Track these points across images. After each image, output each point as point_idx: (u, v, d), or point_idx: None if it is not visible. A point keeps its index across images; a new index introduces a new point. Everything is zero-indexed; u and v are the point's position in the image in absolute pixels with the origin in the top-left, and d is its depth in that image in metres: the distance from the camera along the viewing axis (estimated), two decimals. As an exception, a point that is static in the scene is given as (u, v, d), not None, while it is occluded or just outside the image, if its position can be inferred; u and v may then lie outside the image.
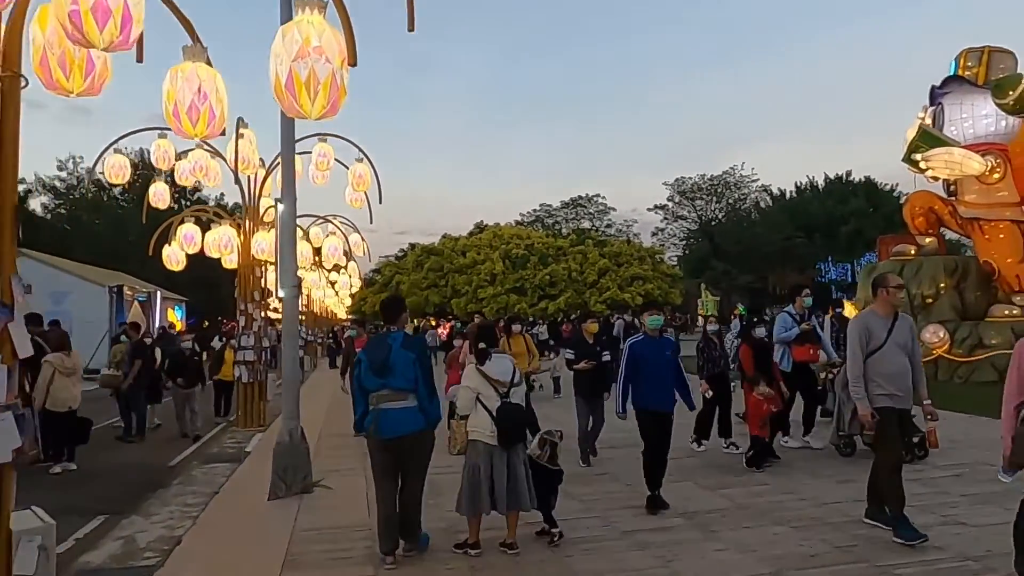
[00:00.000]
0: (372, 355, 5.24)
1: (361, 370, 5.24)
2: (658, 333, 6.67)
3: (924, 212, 17.65)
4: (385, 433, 5.14)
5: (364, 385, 5.21)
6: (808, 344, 8.82)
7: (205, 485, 8.29)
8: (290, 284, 7.37)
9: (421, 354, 5.31)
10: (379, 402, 5.15)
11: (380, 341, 5.39)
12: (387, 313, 5.55)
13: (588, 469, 8.10)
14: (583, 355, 8.39)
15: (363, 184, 12.59)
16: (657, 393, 6.38)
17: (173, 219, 13.15)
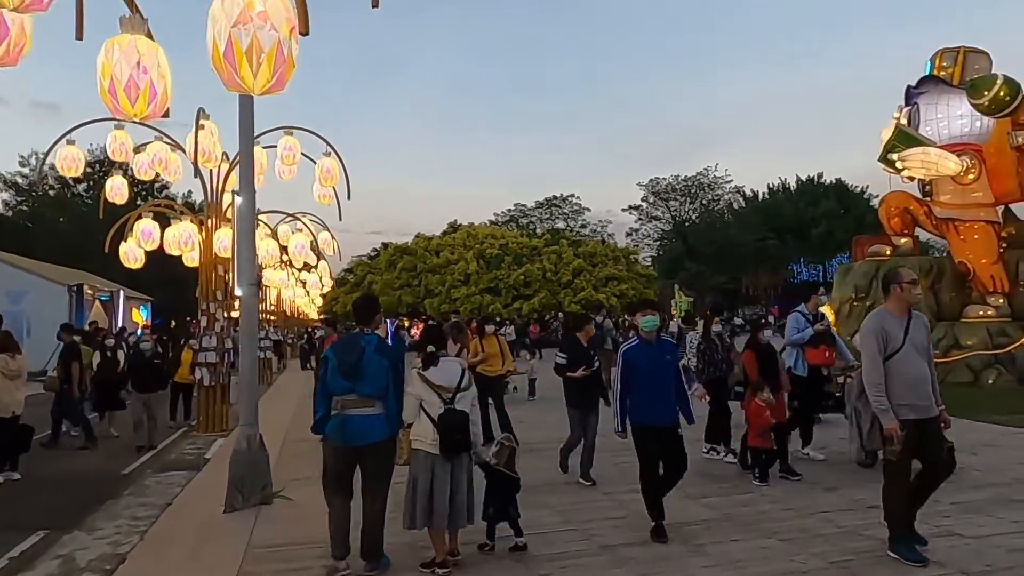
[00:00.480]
0: (342, 357, 4.84)
1: (327, 371, 4.86)
2: (654, 336, 5.84)
3: (899, 212, 17.57)
4: (348, 440, 4.78)
5: (329, 387, 4.84)
6: (823, 346, 8.15)
7: (158, 496, 7.79)
8: (248, 282, 6.93)
9: (395, 361, 4.96)
10: (344, 407, 4.79)
11: (352, 342, 4.97)
12: (360, 313, 5.17)
13: (563, 477, 7.73)
14: (578, 360, 7.50)
15: (331, 179, 12.15)
16: (657, 405, 5.59)
17: (130, 215, 12.55)
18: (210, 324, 12.27)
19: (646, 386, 5.61)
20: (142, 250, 12.22)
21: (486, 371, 9.72)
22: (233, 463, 6.75)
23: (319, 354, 12.80)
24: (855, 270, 17.96)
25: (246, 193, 6.99)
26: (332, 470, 4.93)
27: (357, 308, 5.26)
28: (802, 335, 8.16)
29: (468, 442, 4.97)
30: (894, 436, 4.64)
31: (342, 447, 4.79)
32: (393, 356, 4.99)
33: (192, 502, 7.40)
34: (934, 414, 4.86)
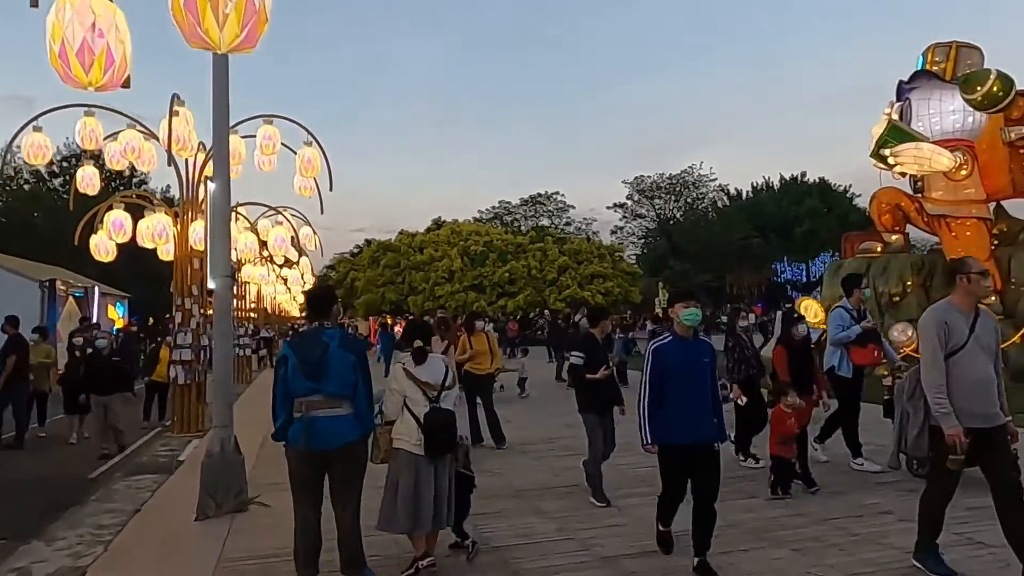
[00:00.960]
0: (304, 354, 4.42)
1: (287, 371, 4.41)
2: (692, 333, 4.88)
3: (891, 209, 17.36)
4: (315, 444, 4.36)
5: (291, 388, 4.40)
6: (871, 345, 7.41)
7: (126, 502, 7.32)
8: (222, 273, 6.48)
9: (362, 356, 4.55)
10: (309, 409, 4.37)
11: (313, 338, 4.54)
12: (317, 306, 4.72)
13: (557, 479, 7.35)
14: (598, 360, 6.65)
15: (312, 170, 11.68)
16: (693, 417, 4.66)
17: (100, 206, 12.00)
18: (185, 320, 11.79)
19: (680, 393, 4.69)
20: (113, 243, 11.67)
21: (474, 369, 9.35)
22: (205, 467, 6.32)
23: None
24: (845, 267, 17.69)
25: (220, 180, 6.55)
26: (299, 478, 4.50)
27: (312, 300, 4.80)
28: (848, 333, 7.41)
29: (454, 442, 4.79)
30: (957, 443, 4.14)
31: (308, 452, 4.38)
32: (359, 350, 4.59)
33: (162, 509, 6.95)
34: (1000, 423, 4.31)
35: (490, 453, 8.85)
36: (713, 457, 4.73)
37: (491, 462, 8.25)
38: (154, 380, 12.50)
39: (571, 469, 7.66)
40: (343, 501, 4.50)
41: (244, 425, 7.19)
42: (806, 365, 7.02)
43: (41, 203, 50.82)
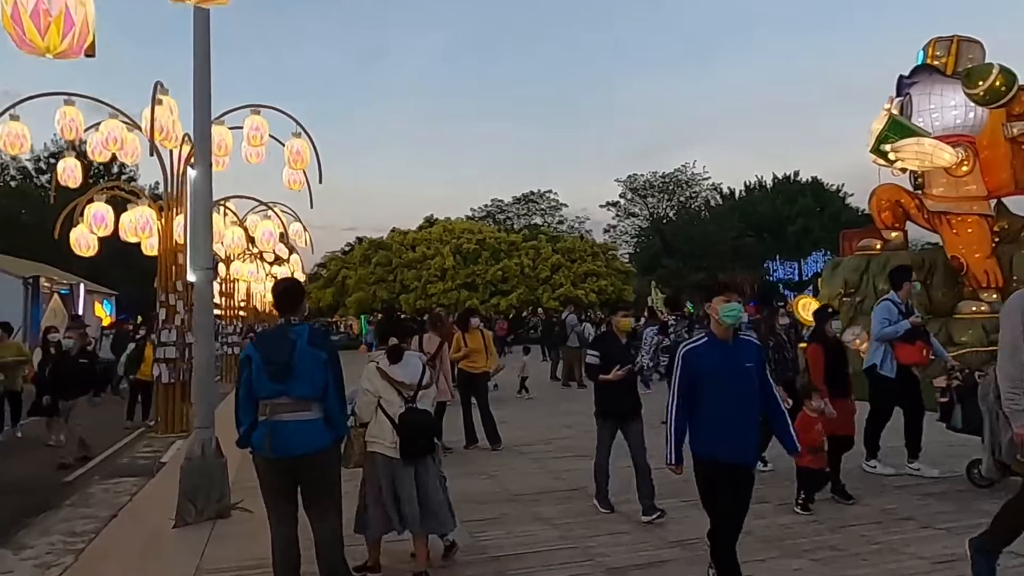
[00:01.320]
0: (270, 353, 4.04)
1: (252, 371, 4.03)
2: (732, 334, 4.07)
3: (890, 206, 17.11)
4: (280, 451, 3.98)
5: (255, 390, 4.03)
6: (919, 343, 6.82)
7: (102, 507, 6.97)
8: (203, 265, 6.13)
9: (333, 354, 4.17)
10: (274, 412, 4.00)
11: (280, 336, 4.14)
12: (284, 301, 4.30)
13: (557, 483, 7.02)
14: (614, 359, 5.93)
15: (301, 162, 11.31)
16: (733, 432, 3.90)
17: (81, 199, 11.60)
18: (170, 317, 11.43)
19: (717, 403, 3.90)
20: (95, 236, 11.27)
21: (469, 367, 9.01)
22: (185, 471, 5.96)
23: None
24: (844, 265, 17.49)
25: (202, 168, 6.19)
26: (268, 488, 4.14)
27: (280, 295, 4.37)
28: (896, 328, 6.79)
29: (432, 444, 4.59)
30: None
31: (275, 459, 4.00)
32: (330, 348, 4.23)
33: (140, 514, 6.59)
34: None
35: (485, 455, 8.53)
36: (749, 481, 4.02)
37: (487, 464, 7.92)
38: (138, 379, 12.08)
39: (571, 471, 7.35)
40: (318, 512, 4.15)
41: (230, 425, 6.82)
42: (841, 366, 6.40)
43: (28, 200, 50.15)
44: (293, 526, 4.16)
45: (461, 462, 8.04)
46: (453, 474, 7.37)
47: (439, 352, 8.33)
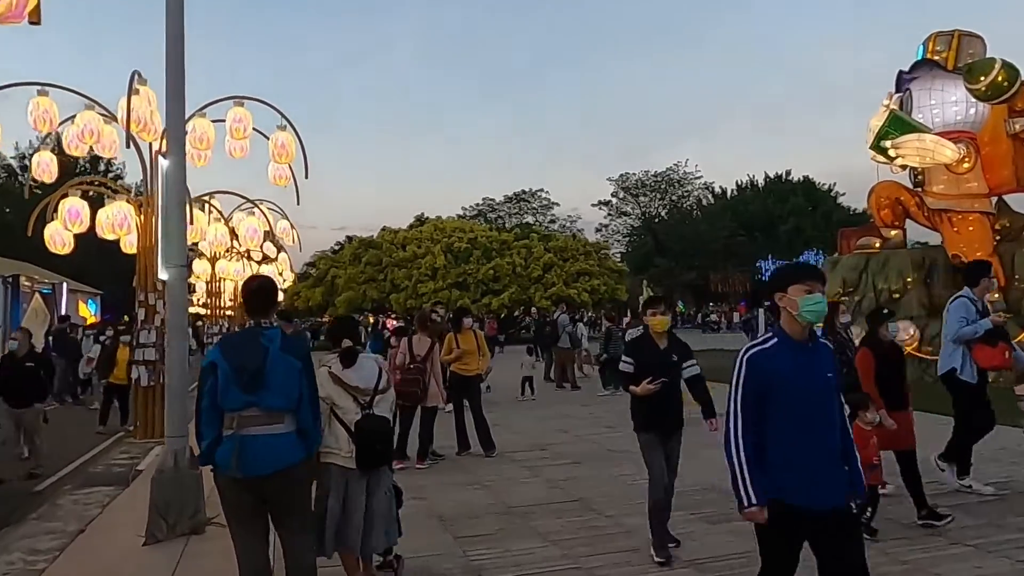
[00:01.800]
0: (239, 359, 3.58)
1: (217, 380, 3.56)
2: (809, 335, 3.12)
3: (890, 203, 16.79)
4: (249, 470, 3.53)
5: (221, 401, 3.57)
6: (1001, 344, 6.10)
7: (70, 520, 6.51)
8: (176, 262, 5.70)
9: (307, 362, 3.75)
10: (242, 426, 3.55)
11: (250, 340, 3.69)
12: (256, 301, 3.85)
13: (555, 493, 6.62)
14: (649, 368, 4.94)
15: (286, 156, 10.90)
16: (812, 464, 2.95)
17: (55, 194, 11.11)
18: (149, 317, 10.95)
19: (792, 425, 2.96)
20: (70, 233, 10.78)
21: (461, 370, 8.61)
22: (156, 484, 5.53)
23: None
24: (843, 264, 17.17)
25: (175, 156, 5.76)
26: (233, 511, 3.69)
27: (251, 294, 3.86)
28: (975, 328, 6.06)
29: (389, 452, 4.34)
30: None
31: (242, 479, 3.56)
32: (304, 354, 3.80)
33: (109, 529, 6.15)
34: None
35: (479, 461, 8.12)
36: (850, 523, 3.02)
37: (480, 473, 7.52)
38: (112, 383, 11.55)
39: (570, 480, 6.97)
40: (290, 531, 3.74)
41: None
42: (897, 374, 5.70)
43: (10, 197, 49.37)
44: (264, 550, 3.76)
45: (453, 470, 7.65)
46: (445, 484, 7.03)
47: (430, 354, 7.93)
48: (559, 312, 16.44)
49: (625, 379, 5.14)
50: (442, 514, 5.91)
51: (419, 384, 7.79)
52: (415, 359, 7.86)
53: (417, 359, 7.86)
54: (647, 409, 4.98)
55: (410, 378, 7.78)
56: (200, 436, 3.63)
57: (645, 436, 5.03)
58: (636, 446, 5.16)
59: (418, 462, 7.76)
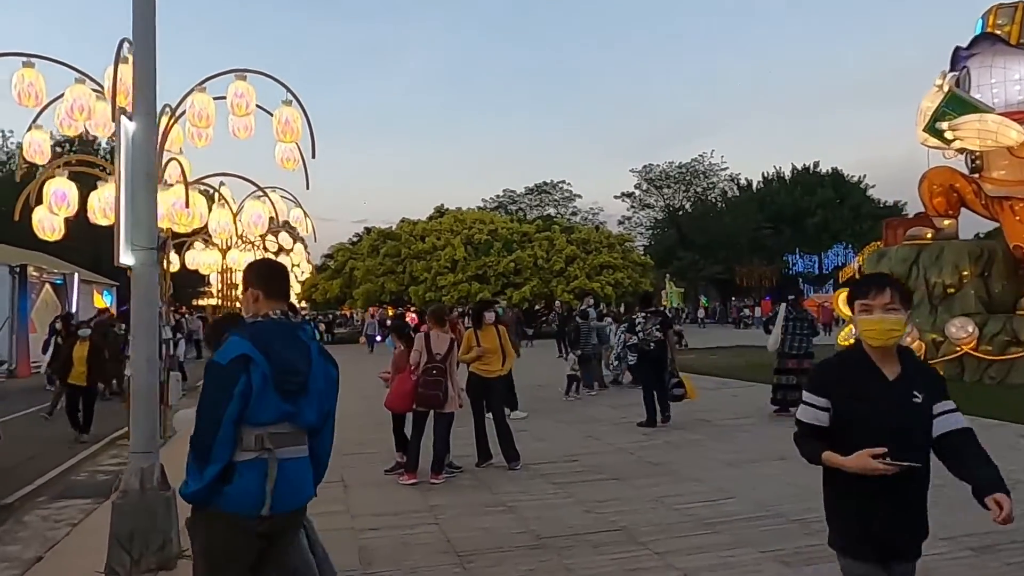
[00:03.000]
0: (287, 358, 2.67)
1: (252, 382, 2.57)
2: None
3: (944, 191, 15.56)
4: (283, 504, 2.65)
5: (251, 412, 2.58)
6: None
7: (32, 543, 5.67)
8: (144, 244, 4.79)
9: (337, 372, 2.93)
10: (276, 445, 2.63)
11: (289, 334, 2.76)
12: (282, 283, 2.94)
13: (591, 520, 5.62)
14: (868, 415, 2.42)
15: (291, 133, 9.91)
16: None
17: (42, 175, 10.26)
18: (144, 309, 10.11)
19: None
20: (58, 217, 9.92)
21: (482, 371, 7.64)
22: (118, 510, 4.62)
23: None
24: (891, 255, 15.98)
25: (142, 118, 4.85)
26: (235, 562, 2.66)
27: (275, 274, 2.95)
28: None
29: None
30: None
31: (261, 520, 2.60)
32: (334, 361, 2.94)
33: (72, 554, 5.28)
34: None
35: (501, 475, 7.16)
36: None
37: (503, 490, 6.54)
38: (74, 385, 10.16)
39: (606, 503, 5.98)
40: None
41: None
42: None
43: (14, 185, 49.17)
44: None
45: (473, 487, 6.70)
46: (463, 505, 6.07)
47: (450, 354, 6.97)
48: (586, 306, 15.34)
49: (807, 438, 2.56)
50: (459, 547, 4.96)
51: (441, 387, 6.82)
52: (434, 358, 6.91)
53: (437, 358, 6.91)
54: (860, 511, 2.47)
55: (431, 380, 6.81)
56: (206, 459, 2.55)
57: (852, 566, 2.53)
58: (677, 456, 4.20)
59: (432, 476, 6.81)
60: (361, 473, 7.33)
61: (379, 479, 7.09)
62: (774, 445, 8.14)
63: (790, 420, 9.30)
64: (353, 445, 8.91)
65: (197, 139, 10.92)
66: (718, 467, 7.17)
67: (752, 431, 9.20)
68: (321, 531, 5.35)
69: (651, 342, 9.95)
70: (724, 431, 9.22)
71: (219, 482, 2.57)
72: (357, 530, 5.36)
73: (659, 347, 9.91)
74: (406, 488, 6.64)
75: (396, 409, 7.30)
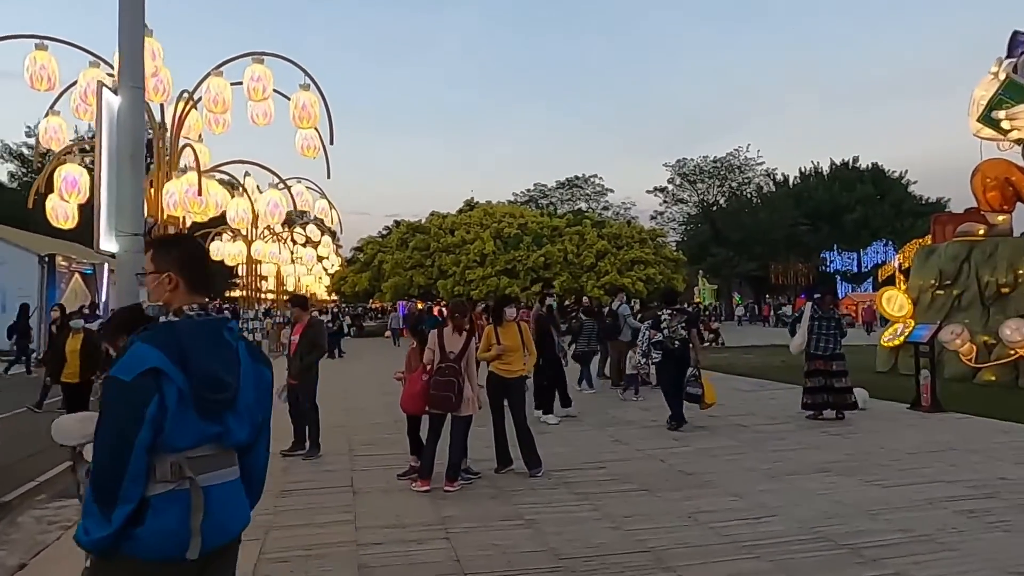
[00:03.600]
0: (209, 367, 2.14)
1: (165, 403, 2.04)
2: None
3: (998, 184, 14.72)
4: (214, 540, 2.13)
5: (168, 436, 2.05)
6: None
7: (18, 547, 5.35)
8: (129, 230, 4.38)
9: (271, 372, 2.38)
10: (198, 471, 2.11)
11: (212, 336, 2.22)
12: (202, 268, 2.39)
13: (619, 538, 5.11)
14: None
15: (309, 119, 9.59)
16: None
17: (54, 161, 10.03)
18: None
19: None
20: (71, 204, 9.67)
21: (502, 370, 7.14)
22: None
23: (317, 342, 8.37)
24: (941, 253, 15.16)
25: (128, 91, 4.43)
26: None
27: (195, 257, 2.37)
28: None
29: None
30: None
31: (188, 564, 2.08)
32: (270, 363, 2.43)
33: (59, 561, 4.92)
34: None
35: (521, 483, 6.66)
36: None
37: (523, 502, 6.04)
38: (67, 383, 9.51)
39: (634, 518, 5.46)
40: None
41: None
42: None
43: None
44: None
45: (490, 497, 6.21)
46: (478, 518, 5.57)
47: (465, 352, 6.50)
48: (619, 301, 14.72)
49: None
50: (468, 567, 4.49)
51: (453, 388, 6.37)
52: (447, 357, 6.46)
53: (450, 357, 6.45)
54: None
55: (443, 380, 6.37)
56: (112, 500, 2.00)
57: None
58: (712, 465, 3.72)
59: (447, 484, 6.34)
60: (372, 477, 6.91)
61: (391, 484, 6.65)
62: (814, 455, 7.57)
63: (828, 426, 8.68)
64: (367, 446, 8.52)
65: (215, 126, 10.60)
66: (756, 479, 6.60)
67: (790, 438, 8.60)
68: (323, 544, 5.00)
69: (676, 340, 9.59)
70: (761, 438, 8.62)
71: (129, 525, 2.04)
72: (359, 545, 4.91)
73: (684, 345, 9.64)
74: (418, 496, 6.19)
75: (409, 411, 6.86)
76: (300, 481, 6.84)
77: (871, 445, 8.03)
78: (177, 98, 10.32)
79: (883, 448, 7.87)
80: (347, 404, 11.95)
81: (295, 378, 8.01)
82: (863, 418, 9.75)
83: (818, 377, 9.83)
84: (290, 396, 8.05)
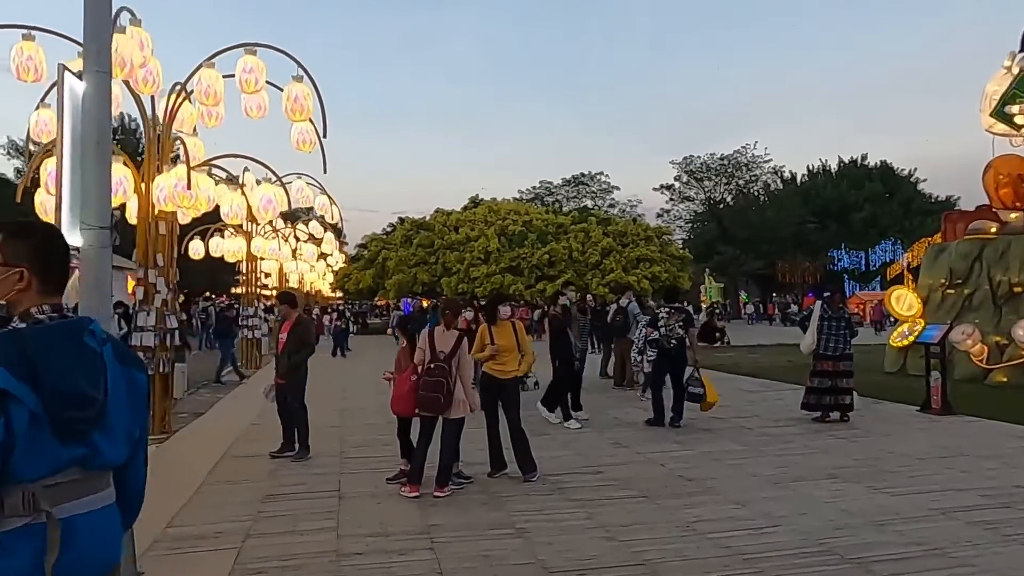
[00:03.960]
0: (68, 381, 1.78)
1: (13, 428, 1.69)
2: None
3: (1011, 181, 14.39)
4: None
5: (17, 466, 1.71)
6: None
7: None
8: (95, 222, 4.13)
9: (146, 375, 2.09)
10: (57, 501, 1.77)
11: (71, 343, 1.85)
12: (61, 261, 1.96)
13: (613, 550, 4.85)
14: None
15: (301, 111, 9.33)
16: None
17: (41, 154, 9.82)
18: (148, 297, 9.63)
19: None
20: (59, 200, 9.46)
21: (496, 371, 6.89)
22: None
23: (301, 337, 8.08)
24: (951, 251, 14.84)
25: (93, 76, 4.18)
26: None
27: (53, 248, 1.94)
28: None
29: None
30: None
31: None
32: (144, 367, 2.11)
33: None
34: None
35: (514, 488, 6.41)
36: None
37: (515, 508, 5.78)
38: None
39: (631, 527, 5.19)
40: None
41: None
42: None
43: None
44: None
45: (481, 503, 5.96)
46: (465, 526, 5.31)
47: (456, 351, 6.26)
48: (627, 300, 14.38)
49: None
50: (453, 580, 4.24)
51: (442, 389, 6.13)
52: (437, 357, 6.21)
53: (440, 357, 6.21)
54: None
55: (431, 381, 6.13)
56: None
57: None
58: (716, 473, 3.43)
59: (436, 489, 6.09)
60: (361, 481, 6.67)
61: (379, 489, 6.41)
62: (822, 460, 7.30)
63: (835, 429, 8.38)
64: (359, 448, 8.28)
65: (208, 119, 10.39)
66: (760, 485, 6.33)
67: (797, 441, 8.33)
68: (301, 554, 4.75)
69: (672, 339, 9.37)
70: (766, 441, 8.35)
71: None
72: (340, 555, 4.67)
73: (680, 345, 9.45)
74: (406, 502, 5.94)
75: (399, 412, 6.61)
76: (285, 485, 6.60)
77: (880, 450, 7.75)
78: (169, 91, 10.11)
79: (892, 453, 7.59)
80: (343, 404, 11.73)
81: (283, 377, 7.78)
82: (872, 421, 9.47)
83: (824, 378, 9.60)
84: (278, 396, 7.83)
